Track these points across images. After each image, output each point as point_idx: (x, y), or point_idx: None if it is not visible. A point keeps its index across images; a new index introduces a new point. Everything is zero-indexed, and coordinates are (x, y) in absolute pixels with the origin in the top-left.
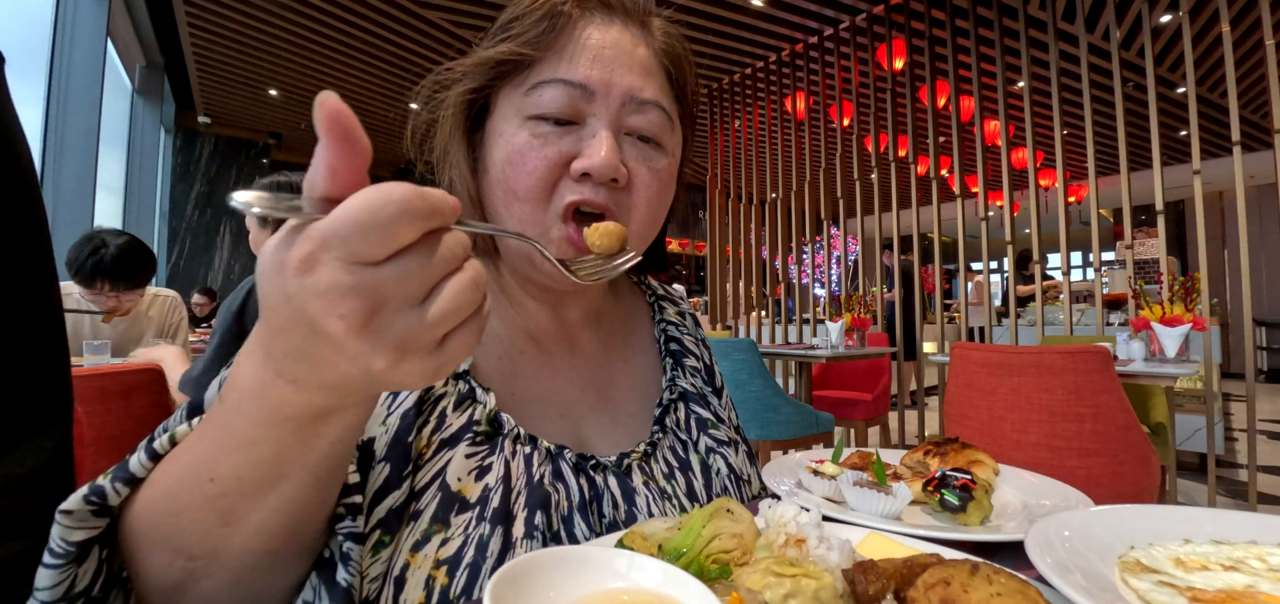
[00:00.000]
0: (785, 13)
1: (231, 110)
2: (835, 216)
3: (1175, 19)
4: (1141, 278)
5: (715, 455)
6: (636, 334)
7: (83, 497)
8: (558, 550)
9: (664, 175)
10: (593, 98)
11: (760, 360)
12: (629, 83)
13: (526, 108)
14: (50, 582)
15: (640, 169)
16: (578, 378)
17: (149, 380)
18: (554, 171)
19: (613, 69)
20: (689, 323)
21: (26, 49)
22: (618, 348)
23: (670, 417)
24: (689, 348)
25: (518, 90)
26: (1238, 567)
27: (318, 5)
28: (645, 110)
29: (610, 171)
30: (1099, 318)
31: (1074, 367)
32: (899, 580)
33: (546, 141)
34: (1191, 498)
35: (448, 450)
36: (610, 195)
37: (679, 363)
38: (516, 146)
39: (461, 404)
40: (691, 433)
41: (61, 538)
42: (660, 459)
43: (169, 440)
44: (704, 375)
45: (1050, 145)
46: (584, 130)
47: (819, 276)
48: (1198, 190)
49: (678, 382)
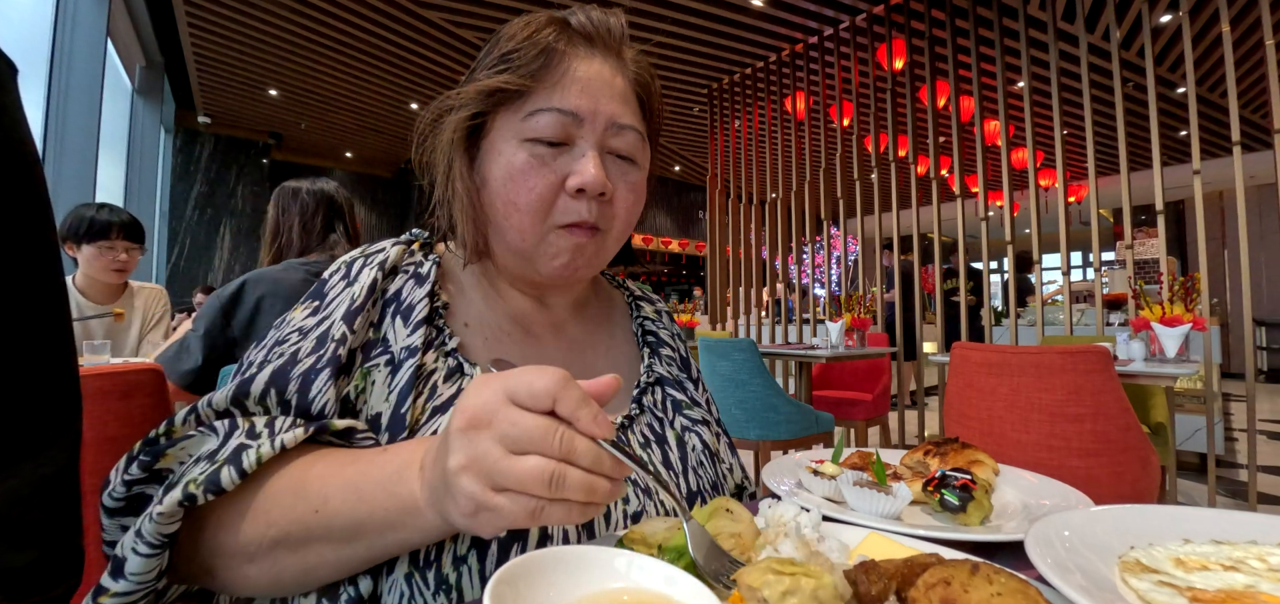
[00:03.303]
0: (785, 13)
1: (231, 110)
2: (835, 216)
3: (1175, 19)
4: (1141, 278)
5: (690, 433)
6: (617, 324)
7: (178, 501)
8: (558, 550)
9: (638, 188)
10: (581, 123)
11: (760, 360)
12: (611, 110)
13: (524, 131)
14: (144, 569)
15: (620, 184)
16: (561, 359)
17: (149, 380)
18: (552, 189)
19: (598, 98)
20: (665, 319)
21: (26, 49)
22: (600, 335)
23: (647, 397)
24: (664, 339)
25: (516, 115)
26: (1238, 567)
27: (318, 5)
28: (624, 133)
29: (599, 186)
30: (1099, 318)
31: (1074, 367)
32: (899, 580)
33: (544, 162)
34: (1191, 498)
35: (439, 417)
36: (597, 208)
37: (655, 352)
38: (518, 166)
39: (450, 377)
40: (667, 412)
41: (157, 532)
42: (637, 431)
43: (256, 459)
44: (679, 364)
45: (1050, 145)
46: (574, 151)
47: (819, 276)
48: (1198, 190)
49: (654, 367)
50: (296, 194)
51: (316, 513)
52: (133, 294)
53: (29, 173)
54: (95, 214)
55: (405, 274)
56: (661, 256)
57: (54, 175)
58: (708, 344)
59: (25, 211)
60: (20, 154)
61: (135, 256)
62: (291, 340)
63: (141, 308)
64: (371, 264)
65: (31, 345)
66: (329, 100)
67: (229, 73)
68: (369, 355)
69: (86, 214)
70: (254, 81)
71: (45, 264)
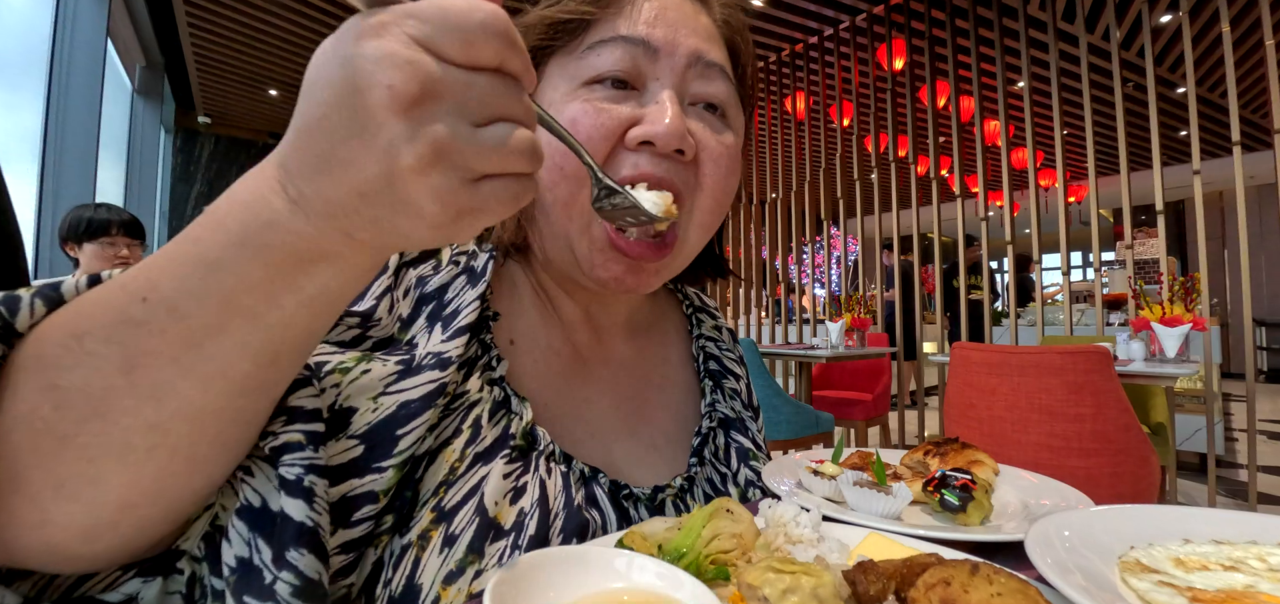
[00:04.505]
0: (785, 13)
1: (231, 110)
2: (835, 216)
3: (1175, 19)
4: (1141, 278)
5: (754, 488)
6: (673, 347)
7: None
8: (558, 550)
9: (733, 151)
10: (656, 57)
11: (760, 360)
12: (695, 44)
13: (582, 72)
14: None
15: (709, 141)
16: (611, 392)
17: None
18: (608, 142)
19: (676, 29)
20: (726, 337)
21: (26, 49)
22: (653, 362)
23: (708, 446)
24: (729, 367)
25: (571, 56)
26: (1238, 567)
27: (318, 5)
28: (712, 76)
29: (676, 140)
30: (1099, 318)
31: (1074, 367)
32: (899, 580)
33: (600, 109)
34: (1191, 498)
35: (482, 465)
36: (675, 169)
37: (718, 385)
38: (567, 117)
39: (496, 413)
40: (732, 464)
41: None
42: (697, 495)
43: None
44: (744, 398)
45: (1050, 145)
46: (645, 96)
47: (819, 277)
48: (1198, 190)
49: (718, 407)
50: None
51: (144, 302)
52: None
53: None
54: (94, 213)
55: (454, 266)
56: None
57: (54, 176)
58: None
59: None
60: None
61: (137, 254)
62: None
63: None
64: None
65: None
66: None
67: (229, 73)
68: (381, 346)
69: (85, 213)
70: (254, 81)
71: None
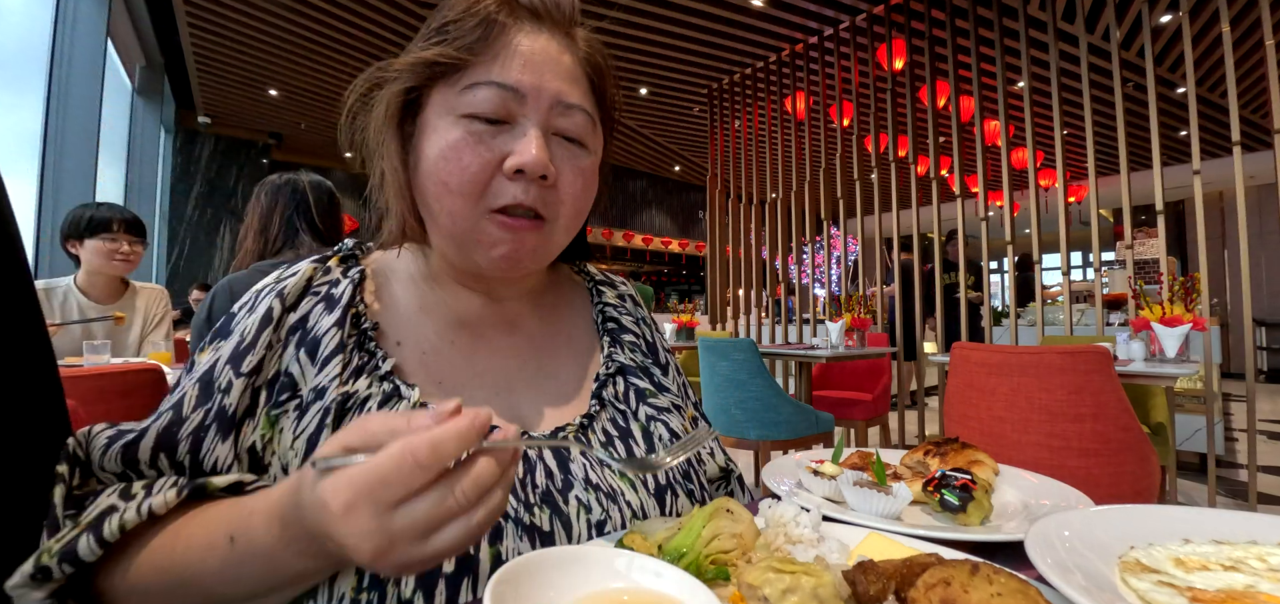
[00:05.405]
0: (785, 13)
1: (231, 110)
2: (835, 216)
3: (1175, 19)
4: (1141, 278)
5: (656, 423)
6: (578, 315)
7: (29, 575)
8: (558, 550)
9: (588, 173)
10: (524, 100)
11: (760, 360)
12: (557, 87)
13: (460, 106)
14: None
15: (567, 168)
16: (516, 354)
17: (149, 380)
18: (487, 169)
19: (542, 74)
20: (629, 303)
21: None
22: (560, 328)
23: (608, 390)
24: (627, 325)
25: (452, 90)
26: (1238, 567)
27: (318, 5)
28: (571, 114)
29: (540, 168)
30: (1099, 318)
31: (1074, 367)
32: (899, 580)
33: (480, 140)
34: (1191, 498)
35: None
36: (540, 193)
37: (616, 340)
38: (452, 143)
39: (386, 404)
40: (630, 403)
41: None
42: (598, 430)
43: (119, 527)
44: (644, 350)
45: (1050, 145)
46: (515, 130)
47: (819, 277)
48: (1198, 190)
49: (615, 356)
50: (262, 189)
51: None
52: (134, 294)
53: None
54: (96, 211)
55: (314, 297)
56: (661, 256)
57: (54, 176)
58: (707, 344)
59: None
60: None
61: (139, 250)
62: (184, 389)
63: (142, 308)
64: (273, 291)
65: (19, 403)
66: (329, 100)
67: (229, 73)
68: (276, 397)
69: (87, 211)
70: (254, 81)
71: (24, 306)
